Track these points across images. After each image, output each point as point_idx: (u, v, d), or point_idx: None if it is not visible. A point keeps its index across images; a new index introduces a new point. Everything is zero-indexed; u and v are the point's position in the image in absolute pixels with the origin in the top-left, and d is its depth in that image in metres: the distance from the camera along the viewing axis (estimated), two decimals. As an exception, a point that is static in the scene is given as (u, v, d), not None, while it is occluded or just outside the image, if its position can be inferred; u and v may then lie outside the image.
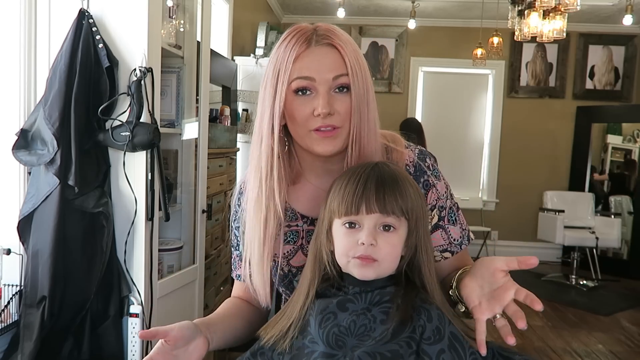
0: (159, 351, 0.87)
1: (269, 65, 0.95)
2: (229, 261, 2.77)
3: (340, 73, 0.91)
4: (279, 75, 0.92)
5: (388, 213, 0.82)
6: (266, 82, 0.95)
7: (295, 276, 1.01)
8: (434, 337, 0.79)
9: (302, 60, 0.92)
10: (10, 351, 1.52)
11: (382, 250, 0.83)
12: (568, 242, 4.78)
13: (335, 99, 0.92)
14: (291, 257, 1.02)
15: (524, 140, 5.69)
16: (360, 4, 5.13)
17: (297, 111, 0.92)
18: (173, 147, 2.13)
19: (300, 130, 0.93)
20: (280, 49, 0.94)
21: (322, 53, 0.92)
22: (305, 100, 0.92)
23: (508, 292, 0.82)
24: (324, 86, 0.91)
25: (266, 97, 0.94)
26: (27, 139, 1.56)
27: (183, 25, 2.08)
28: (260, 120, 0.96)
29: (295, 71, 0.91)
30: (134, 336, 1.67)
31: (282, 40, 0.95)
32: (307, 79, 0.91)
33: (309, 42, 0.92)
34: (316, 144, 0.93)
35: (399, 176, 0.86)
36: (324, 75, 0.91)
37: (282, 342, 0.85)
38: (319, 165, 1.01)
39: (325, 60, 0.92)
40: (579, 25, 5.33)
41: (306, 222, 1.03)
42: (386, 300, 0.82)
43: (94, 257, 1.58)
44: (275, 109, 0.92)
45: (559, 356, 3.12)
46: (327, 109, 0.90)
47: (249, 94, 3.60)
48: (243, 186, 1.09)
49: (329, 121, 0.91)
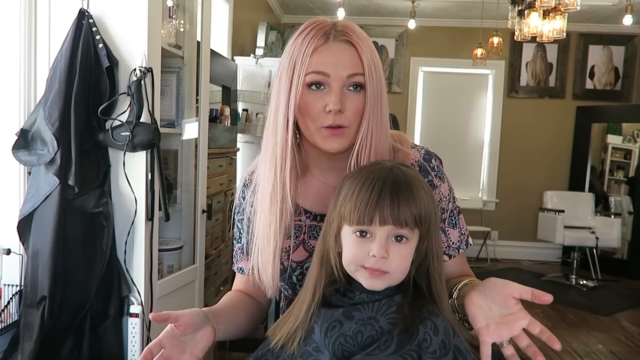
0: (167, 335, 0.86)
1: (284, 57, 0.95)
2: (229, 261, 2.76)
3: (355, 72, 0.91)
4: (295, 67, 0.92)
5: (402, 225, 0.80)
6: (281, 73, 0.94)
7: (295, 271, 1.00)
8: (440, 351, 0.78)
9: (318, 54, 0.91)
10: (10, 351, 1.52)
11: (393, 262, 0.80)
12: (568, 242, 4.78)
13: (347, 97, 0.92)
14: (292, 251, 1.01)
15: (524, 140, 5.69)
16: (360, 4, 5.13)
17: (310, 106, 0.92)
18: (173, 147, 2.13)
19: (311, 126, 0.94)
20: (298, 41, 0.93)
21: (340, 49, 0.92)
22: (318, 95, 0.92)
23: (520, 322, 0.81)
24: (337, 83, 0.91)
25: (281, 89, 0.94)
26: (27, 139, 1.56)
27: (183, 25, 2.08)
28: (275, 112, 0.95)
29: (311, 65, 0.91)
30: (134, 336, 1.67)
31: (299, 32, 0.95)
32: (322, 74, 0.91)
33: (327, 36, 0.92)
34: (323, 141, 0.93)
35: (413, 182, 0.82)
36: (339, 72, 0.91)
37: (290, 344, 0.84)
38: (324, 160, 1.01)
39: (341, 57, 0.92)
40: (579, 25, 5.33)
41: (309, 217, 1.02)
42: (393, 311, 0.81)
43: (94, 257, 1.58)
44: (291, 102, 0.92)
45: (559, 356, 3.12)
46: (338, 106, 0.90)
47: (249, 94, 3.60)
48: (248, 178, 1.08)
49: (338, 120, 0.91)
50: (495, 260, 5.67)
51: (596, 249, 4.85)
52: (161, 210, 1.74)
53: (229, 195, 2.76)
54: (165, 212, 1.74)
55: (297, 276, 1.00)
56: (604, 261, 5.06)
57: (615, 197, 5.51)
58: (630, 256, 5.20)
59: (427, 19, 5.42)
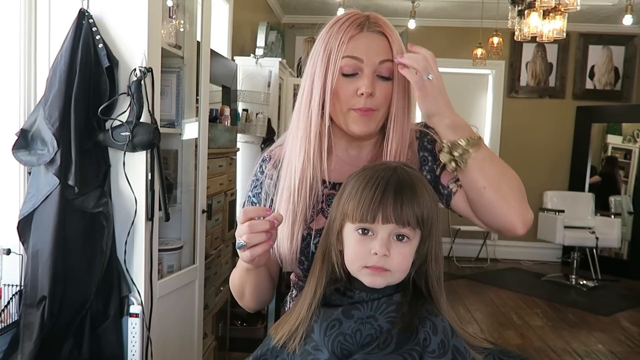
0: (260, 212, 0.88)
1: (318, 43, 1.01)
2: (229, 261, 2.76)
3: (386, 58, 0.98)
4: (332, 53, 0.98)
5: (404, 224, 0.81)
6: (316, 59, 1.00)
7: (314, 239, 1.02)
8: (439, 350, 0.78)
9: (354, 41, 0.98)
10: (10, 351, 1.52)
11: (395, 261, 0.81)
12: (568, 242, 4.78)
13: (377, 83, 0.98)
14: (311, 220, 1.04)
15: (524, 140, 5.69)
16: (360, 4, 5.12)
17: (342, 89, 0.98)
18: (173, 147, 2.13)
19: (342, 107, 0.99)
20: (334, 29, 0.99)
21: (373, 38, 0.99)
22: (350, 80, 0.98)
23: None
24: (369, 68, 0.97)
25: (317, 73, 0.99)
26: (27, 139, 1.56)
27: (183, 25, 2.08)
28: (308, 94, 1.01)
29: (346, 50, 0.97)
30: (134, 336, 1.67)
31: (335, 21, 1.01)
32: (356, 59, 0.97)
33: (361, 27, 0.99)
34: (353, 123, 1.00)
35: (417, 183, 0.84)
36: (372, 58, 0.97)
37: (291, 342, 0.85)
38: (348, 140, 1.07)
39: (374, 45, 0.99)
40: (579, 25, 5.33)
41: (326, 186, 1.06)
42: (392, 310, 0.81)
43: (94, 257, 1.58)
44: (327, 86, 0.98)
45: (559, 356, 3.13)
46: (370, 89, 0.96)
47: (249, 94, 3.60)
48: (268, 155, 1.12)
49: (369, 103, 0.98)
50: (495, 260, 5.67)
51: (596, 249, 4.86)
52: (161, 210, 1.74)
53: (229, 195, 2.76)
54: (165, 212, 1.74)
55: (316, 244, 1.02)
56: (604, 261, 5.06)
57: (615, 197, 5.52)
58: (630, 256, 5.20)
59: (427, 19, 5.42)
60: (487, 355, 0.85)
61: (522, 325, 3.60)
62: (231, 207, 2.79)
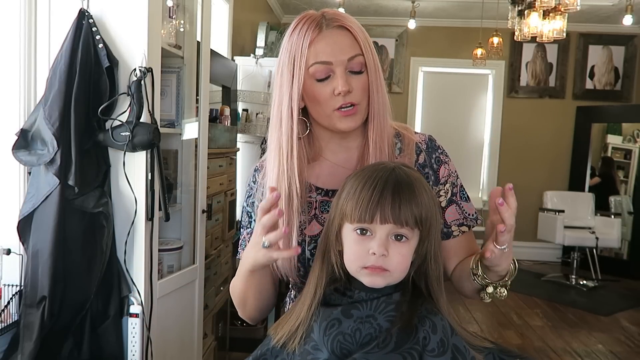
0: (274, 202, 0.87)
1: (282, 53, 1.00)
2: (229, 261, 2.76)
3: (355, 53, 0.98)
4: (295, 61, 0.97)
5: (402, 224, 0.81)
6: (282, 68, 1.00)
7: (309, 245, 1.02)
8: (438, 349, 0.78)
9: (316, 44, 0.97)
10: (10, 351, 1.52)
11: (393, 261, 0.81)
12: (568, 242, 4.78)
13: (351, 78, 0.98)
14: (305, 227, 1.04)
15: (524, 140, 5.69)
16: (360, 4, 5.12)
17: (318, 94, 0.98)
18: (173, 147, 2.13)
19: (323, 110, 0.99)
20: (293, 37, 0.99)
21: (335, 35, 0.98)
22: (325, 83, 0.98)
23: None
24: (340, 67, 0.97)
25: (283, 82, 0.99)
26: (27, 139, 1.56)
27: (183, 25, 2.08)
28: (278, 105, 1.01)
29: (311, 56, 0.97)
30: (134, 336, 1.67)
31: (292, 28, 1.00)
32: (325, 64, 0.97)
33: (320, 26, 0.98)
34: (339, 122, 0.99)
35: (415, 182, 0.83)
36: (340, 57, 0.97)
37: (291, 342, 0.85)
38: (336, 142, 1.07)
39: (339, 43, 0.97)
40: (579, 25, 5.33)
41: (320, 193, 1.06)
42: (391, 309, 0.81)
43: (94, 257, 1.58)
44: (294, 93, 0.98)
45: (559, 356, 3.13)
46: (346, 87, 0.96)
47: (249, 94, 3.60)
48: (259, 164, 1.13)
49: (349, 99, 0.97)
50: (495, 260, 5.66)
51: (596, 249, 4.85)
52: (161, 210, 1.74)
53: (229, 195, 2.76)
54: (165, 212, 1.74)
55: (311, 250, 1.02)
56: (604, 261, 5.06)
57: (615, 197, 5.52)
58: (630, 256, 5.20)
59: (427, 19, 5.42)
60: (487, 354, 0.85)
61: (522, 325, 3.60)
62: (231, 207, 2.79)
